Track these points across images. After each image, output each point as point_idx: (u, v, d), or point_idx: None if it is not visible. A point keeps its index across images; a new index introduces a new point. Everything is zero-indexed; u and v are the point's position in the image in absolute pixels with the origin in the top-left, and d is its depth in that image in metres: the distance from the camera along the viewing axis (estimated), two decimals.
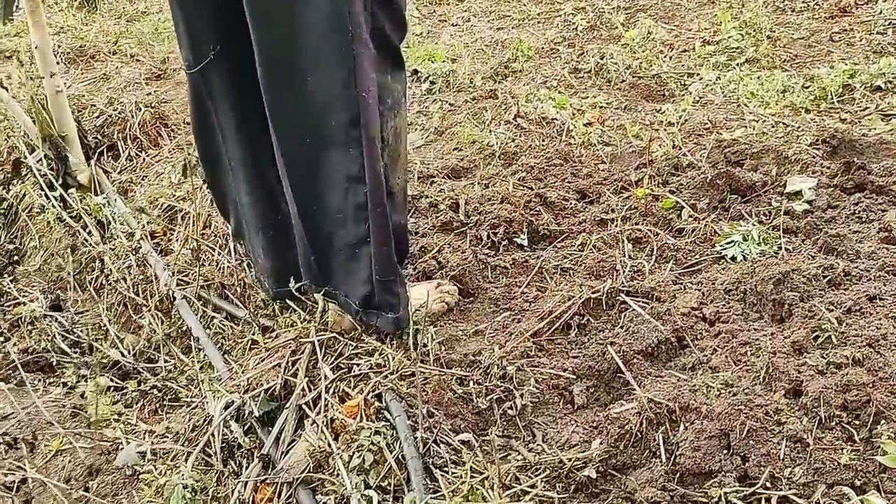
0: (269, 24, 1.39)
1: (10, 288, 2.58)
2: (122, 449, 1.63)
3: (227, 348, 1.81)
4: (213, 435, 1.40)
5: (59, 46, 4.10)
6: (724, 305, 1.53)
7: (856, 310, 1.42)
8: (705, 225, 1.86)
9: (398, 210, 1.64)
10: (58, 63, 3.82)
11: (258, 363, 1.50)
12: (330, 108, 1.41)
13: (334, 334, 1.53)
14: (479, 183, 2.26)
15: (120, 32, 4.78)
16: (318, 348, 1.47)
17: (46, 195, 2.48)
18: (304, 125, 1.44)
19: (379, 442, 1.26)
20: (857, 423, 1.20)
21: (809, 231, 1.77)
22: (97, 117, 2.74)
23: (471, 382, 1.44)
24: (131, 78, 3.56)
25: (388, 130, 1.50)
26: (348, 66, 1.37)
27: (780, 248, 1.72)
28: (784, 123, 2.49)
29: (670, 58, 3.34)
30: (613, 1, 4.28)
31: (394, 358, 1.45)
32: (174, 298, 1.97)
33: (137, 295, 2.17)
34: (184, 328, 2.03)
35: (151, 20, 5.04)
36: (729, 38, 3.37)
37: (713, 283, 1.62)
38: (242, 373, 1.51)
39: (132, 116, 2.70)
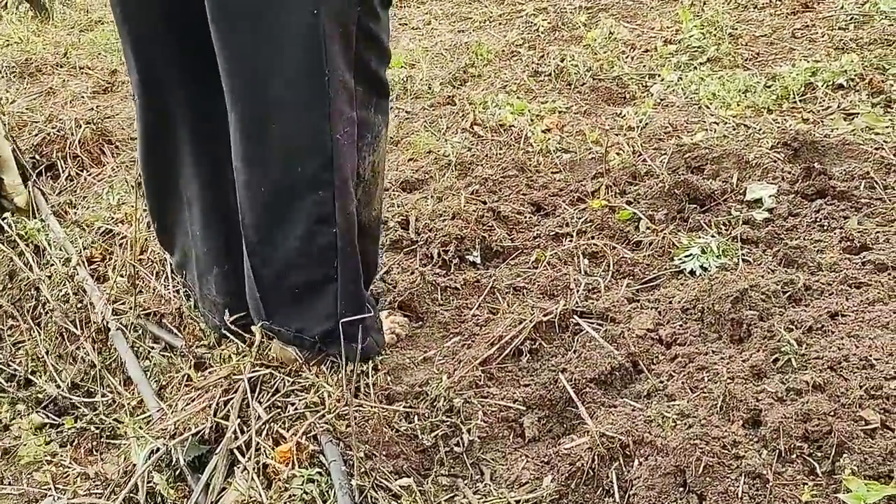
0: (239, 67, 1.30)
1: None
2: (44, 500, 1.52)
3: (164, 382, 1.71)
4: (136, 485, 1.30)
5: (2, 61, 3.96)
6: (681, 326, 1.46)
7: (816, 328, 1.35)
8: (663, 237, 1.78)
9: (371, 241, 1.55)
10: (1, 79, 3.70)
11: (188, 403, 1.40)
12: (301, 153, 1.33)
13: (270, 370, 1.44)
14: (432, 196, 2.17)
15: (71, 43, 4.64)
16: (249, 387, 1.37)
17: None
18: (274, 168, 1.35)
19: (312, 491, 1.17)
20: (819, 454, 1.13)
21: (770, 241, 1.70)
22: (35, 135, 2.61)
23: (416, 417, 1.35)
24: (78, 91, 3.43)
25: (365, 167, 1.41)
26: (322, 111, 1.29)
27: (739, 260, 1.65)
28: (745, 125, 2.43)
29: (632, 58, 3.27)
30: (575, 1, 4.22)
31: (331, 395, 1.36)
32: (109, 328, 1.86)
33: (74, 324, 2.06)
34: (121, 361, 1.92)
35: (105, 30, 4.90)
36: (690, 37, 3.31)
37: (670, 302, 1.54)
38: (172, 414, 1.40)
39: (72, 134, 2.59)
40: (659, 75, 3.02)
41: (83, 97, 3.35)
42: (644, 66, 3.17)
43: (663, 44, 3.35)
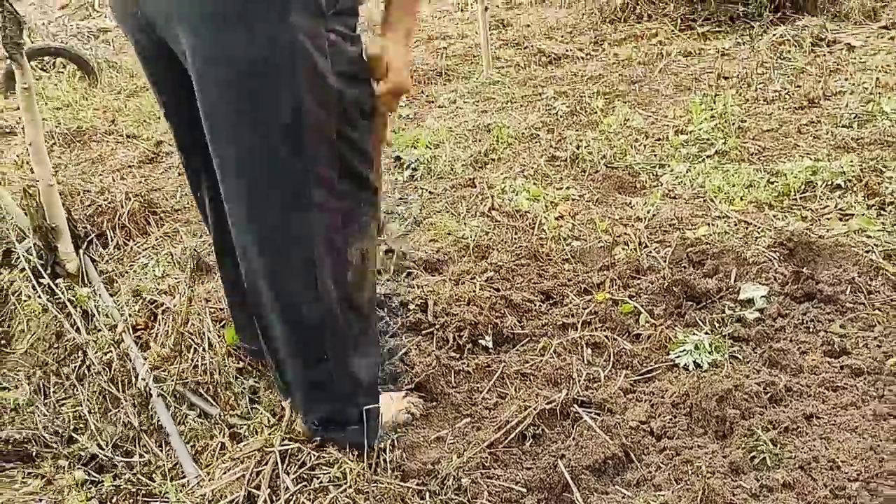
0: (225, 172, 1.47)
1: None
2: None
3: (200, 448, 1.87)
4: None
5: (56, 126, 4.24)
6: (670, 420, 1.61)
7: (792, 429, 1.49)
8: (661, 332, 1.94)
9: (367, 323, 1.71)
10: (53, 145, 3.96)
11: (224, 472, 1.56)
12: (286, 235, 1.50)
13: (298, 444, 1.60)
14: (450, 279, 2.35)
15: (118, 109, 4.93)
16: (280, 459, 1.54)
17: (34, 284, 2.56)
18: (265, 247, 1.52)
19: None
20: None
21: (758, 340, 1.85)
22: (88, 206, 2.83)
23: (427, 494, 1.50)
24: (125, 161, 3.67)
25: (353, 252, 1.58)
26: (304, 201, 1.46)
27: (729, 357, 1.80)
28: (746, 222, 2.59)
29: (644, 146, 3.46)
30: (594, 86, 4.44)
31: (352, 471, 1.51)
32: (151, 395, 2.03)
33: (117, 387, 2.23)
34: (160, 422, 2.09)
35: (150, 97, 5.19)
36: (700, 129, 3.50)
37: (663, 395, 1.69)
38: (210, 482, 1.57)
39: (122, 206, 2.81)
40: (669, 166, 3.20)
41: (130, 167, 3.60)
42: (655, 155, 3.35)
43: (675, 133, 3.55)
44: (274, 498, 1.50)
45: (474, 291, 2.18)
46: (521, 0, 7.22)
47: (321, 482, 1.51)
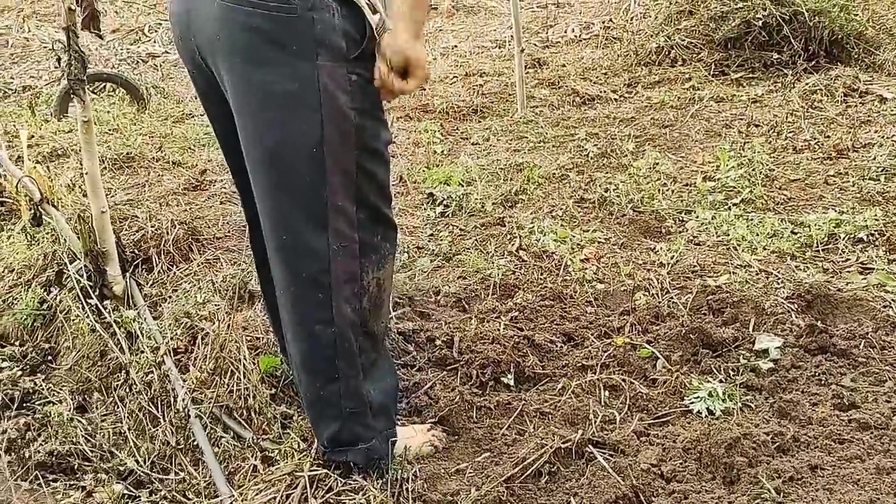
0: (259, 182, 1.64)
1: (42, 387, 2.78)
2: None
3: (233, 469, 1.98)
4: None
5: (108, 149, 4.44)
6: (681, 464, 1.68)
7: (797, 479, 1.56)
8: (676, 377, 2.02)
9: (381, 351, 1.83)
10: (104, 169, 4.15)
11: (257, 494, 1.67)
12: (305, 258, 1.64)
13: (326, 470, 1.70)
14: (475, 317, 2.45)
15: (164, 135, 5.14)
16: (308, 484, 1.64)
17: (82, 305, 2.70)
18: (287, 270, 1.67)
19: None
20: None
21: (771, 390, 1.92)
22: (136, 231, 2.99)
23: None
24: (171, 188, 3.84)
25: (369, 281, 1.69)
26: (322, 227, 1.60)
27: (742, 405, 1.87)
28: (767, 272, 2.66)
29: (672, 191, 3.54)
30: (625, 129, 4.54)
31: (375, 498, 1.61)
32: (189, 416, 2.15)
33: (156, 407, 2.36)
34: (195, 442, 2.21)
35: (195, 124, 5.39)
36: (727, 176, 3.58)
37: (675, 440, 1.77)
38: (242, 503, 1.67)
39: (168, 233, 2.96)
40: (694, 212, 3.28)
41: (175, 194, 3.76)
42: (682, 200, 3.43)
43: (702, 180, 3.62)
44: None
45: (499, 330, 2.28)
46: (558, 39, 7.38)
47: None
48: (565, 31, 7.58)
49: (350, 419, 1.73)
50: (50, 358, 2.98)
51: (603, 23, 7.45)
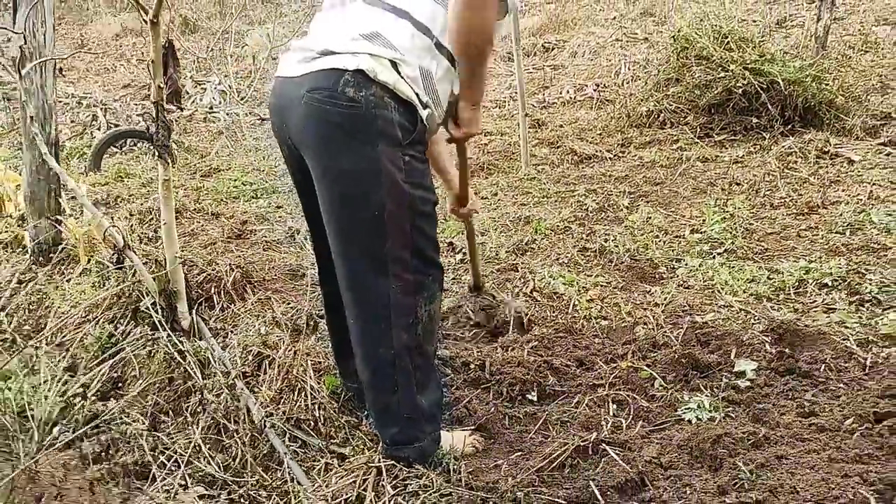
0: (334, 249, 2.09)
1: (115, 410, 3.18)
2: None
3: (306, 468, 2.38)
4: None
5: (154, 200, 4.88)
6: (676, 456, 2.11)
7: (767, 465, 1.99)
8: (671, 394, 2.46)
9: (431, 368, 2.25)
10: (152, 219, 4.59)
11: (339, 479, 2.08)
12: (370, 297, 2.07)
13: (392, 461, 2.12)
14: (501, 347, 2.89)
15: (196, 188, 5.59)
16: (383, 470, 2.06)
17: (157, 336, 3.12)
18: (358, 308, 2.12)
19: None
20: None
21: (747, 402, 2.36)
22: (198, 274, 3.43)
23: (491, 502, 2.01)
24: (215, 236, 4.29)
25: (422, 313, 2.12)
26: (385, 272, 2.03)
27: (724, 415, 2.31)
28: (746, 311, 3.12)
29: (664, 242, 4.01)
30: (620, 185, 5.02)
31: (434, 482, 2.03)
32: (264, 426, 2.56)
33: (229, 422, 2.76)
34: (265, 452, 2.61)
35: (223, 178, 5.85)
36: (712, 229, 4.06)
37: (671, 440, 2.20)
38: (326, 486, 2.09)
39: (227, 276, 3.39)
40: (684, 260, 3.75)
41: (220, 242, 4.21)
42: (673, 250, 3.90)
43: (690, 232, 4.10)
44: (377, 500, 2.01)
45: (522, 356, 2.72)
46: (554, 100, 7.90)
47: (412, 488, 2.02)
48: (560, 93, 8.05)
49: (406, 423, 2.16)
50: (120, 385, 3.38)
51: (596, 85, 7.97)
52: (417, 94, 1.96)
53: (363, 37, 1.93)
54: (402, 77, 1.93)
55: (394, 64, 1.92)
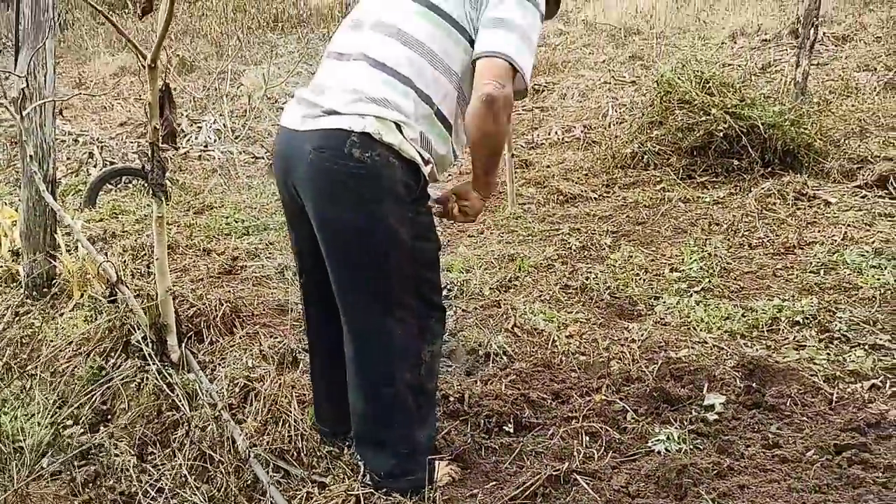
0: (338, 293, 2.19)
1: (104, 441, 3.24)
2: None
3: (289, 497, 2.46)
4: None
5: (147, 236, 4.98)
6: (643, 486, 2.19)
7: (729, 494, 2.08)
8: (642, 426, 2.55)
9: (431, 405, 2.33)
10: (145, 254, 4.69)
11: None
12: (375, 341, 2.18)
13: (370, 490, 2.20)
14: (480, 380, 2.98)
15: (188, 224, 5.69)
16: (361, 499, 2.13)
17: (147, 369, 3.20)
18: (362, 350, 2.21)
19: None
20: None
21: (715, 434, 2.45)
22: (188, 308, 3.52)
23: None
24: (206, 271, 4.39)
25: (425, 354, 2.22)
26: (392, 318, 2.13)
27: (692, 447, 2.40)
28: (720, 347, 3.22)
29: (643, 280, 4.12)
30: (603, 225, 5.15)
31: None
32: (248, 457, 2.63)
33: (214, 453, 2.83)
34: (249, 482, 2.68)
35: (216, 215, 5.95)
36: (690, 268, 4.18)
37: (640, 470, 2.28)
38: None
39: (216, 310, 3.48)
40: (662, 298, 3.85)
41: (211, 277, 4.31)
42: (652, 288, 4.00)
43: (669, 271, 4.21)
44: None
45: (500, 389, 2.81)
46: (542, 141, 8.06)
47: None
48: (549, 134, 8.22)
49: (403, 458, 2.24)
50: (109, 416, 3.45)
51: (584, 127, 8.15)
52: (420, 153, 2.07)
53: (370, 100, 2.03)
54: (406, 138, 2.04)
55: (398, 126, 2.03)
